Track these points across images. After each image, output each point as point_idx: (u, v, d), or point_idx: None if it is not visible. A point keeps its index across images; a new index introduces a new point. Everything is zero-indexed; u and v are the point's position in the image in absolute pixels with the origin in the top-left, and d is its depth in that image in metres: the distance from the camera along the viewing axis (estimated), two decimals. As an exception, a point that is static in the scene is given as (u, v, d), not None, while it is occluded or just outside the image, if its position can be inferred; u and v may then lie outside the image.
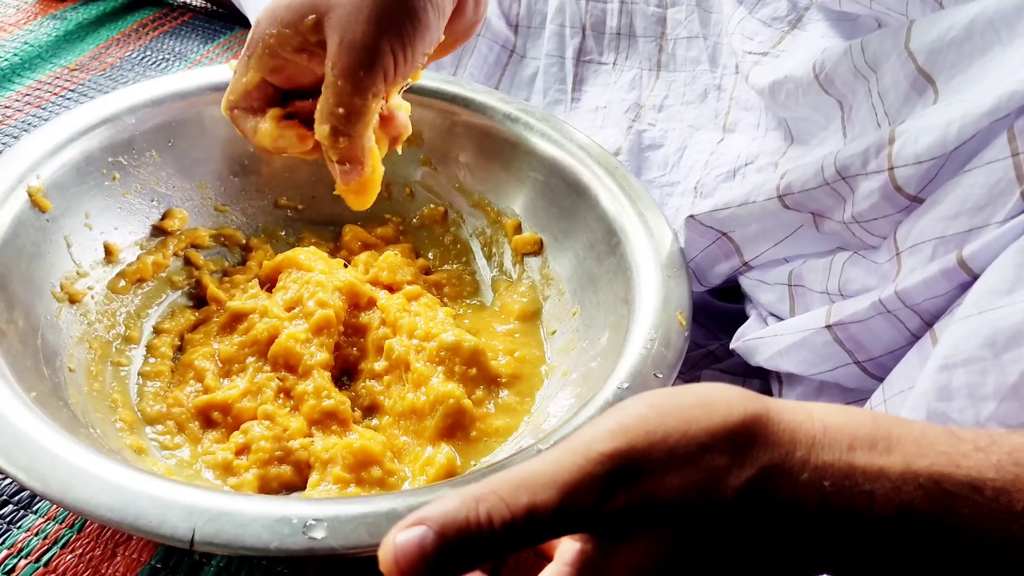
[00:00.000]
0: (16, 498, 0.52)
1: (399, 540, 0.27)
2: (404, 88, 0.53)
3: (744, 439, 0.29)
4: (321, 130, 0.48)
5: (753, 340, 0.55)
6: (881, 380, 0.48)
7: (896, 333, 0.47)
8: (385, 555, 0.27)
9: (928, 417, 0.41)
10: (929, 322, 0.46)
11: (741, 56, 0.66)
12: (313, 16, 0.46)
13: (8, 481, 0.53)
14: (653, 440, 0.29)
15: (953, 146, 0.44)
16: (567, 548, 0.31)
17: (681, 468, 0.28)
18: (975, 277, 0.42)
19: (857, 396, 0.51)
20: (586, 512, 0.28)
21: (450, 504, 0.28)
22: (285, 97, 0.53)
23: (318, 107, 0.48)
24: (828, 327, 0.50)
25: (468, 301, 0.67)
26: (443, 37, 0.49)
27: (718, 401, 0.30)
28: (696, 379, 0.61)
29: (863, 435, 0.30)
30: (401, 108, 0.54)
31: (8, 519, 0.51)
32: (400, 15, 0.45)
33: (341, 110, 0.46)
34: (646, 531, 0.29)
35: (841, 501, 0.29)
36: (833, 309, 0.50)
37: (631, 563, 0.29)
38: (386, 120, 0.53)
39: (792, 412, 0.30)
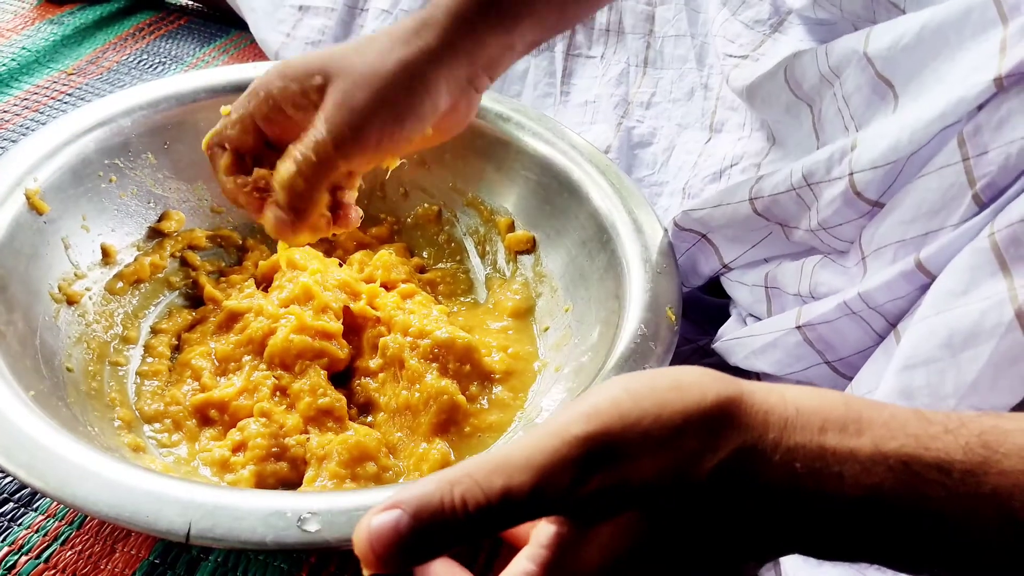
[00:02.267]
0: (16, 496, 0.53)
1: (374, 523, 0.27)
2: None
3: (717, 422, 0.29)
4: (285, 167, 0.47)
5: (731, 340, 0.56)
6: (852, 379, 0.49)
7: (862, 333, 0.48)
8: (359, 538, 0.28)
9: None
10: (893, 323, 0.47)
11: (723, 59, 0.67)
12: (320, 78, 0.47)
13: (8, 479, 0.54)
14: (627, 423, 0.29)
15: (907, 151, 0.45)
16: (543, 531, 0.31)
17: (655, 451, 0.29)
18: (932, 279, 0.44)
19: None
20: (561, 495, 0.28)
21: (425, 488, 0.28)
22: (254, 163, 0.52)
23: (290, 148, 0.48)
24: (798, 328, 0.51)
25: (462, 299, 0.68)
26: (430, 132, 0.50)
27: (692, 384, 0.30)
28: (687, 374, 0.62)
29: (835, 417, 0.30)
30: (354, 208, 0.54)
31: (9, 516, 0.52)
32: (401, 101, 0.47)
33: (314, 157, 0.46)
34: (620, 513, 0.29)
35: (812, 482, 0.29)
36: (803, 310, 0.51)
37: (606, 545, 0.30)
38: (341, 209, 0.53)
39: (765, 394, 0.31)
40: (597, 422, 0.29)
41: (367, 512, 0.28)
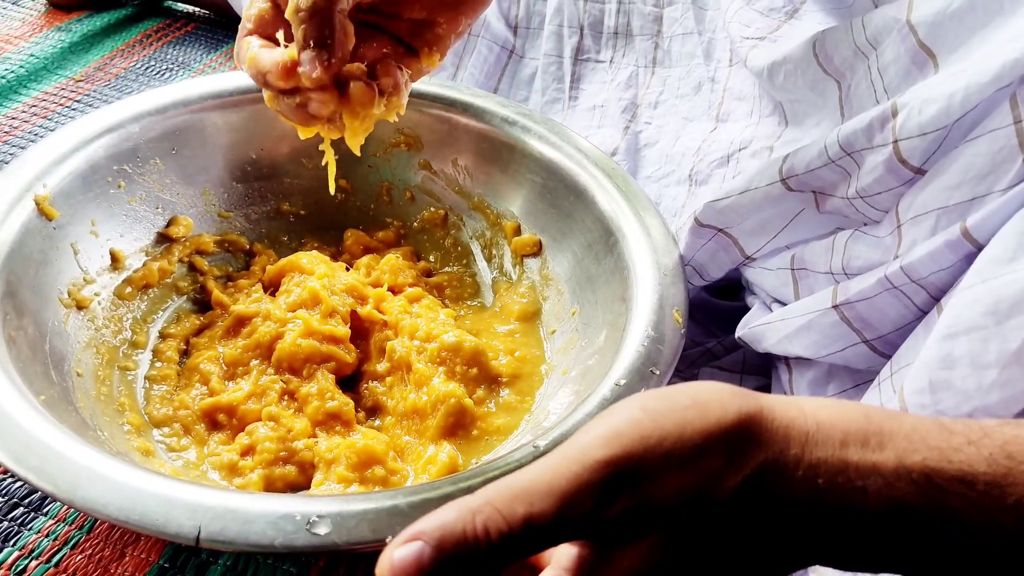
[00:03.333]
0: (27, 500, 0.53)
1: (396, 556, 0.27)
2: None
3: (739, 439, 0.29)
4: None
5: (760, 326, 0.55)
6: (890, 358, 0.48)
7: (903, 309, 0.47)
8: (382, 572, 0.27)
9: (931, 385, 0.41)
10: (936, 296, 0.46)
11: (739, 42, 0.66)
12: None
13: (19, 484, 0.54)
14: (648, 444, 0.29)
15: (957, 116, 0.44)
16: (564, 554, 0.31)
17: (678, 472, 0.29)
18: (979, 248, 0.43)
19: (868, 378, 0.51)
20: (584, 520, 0.28)
21: (446, 517, 0.28)
22: None
23: None
24: (835, 307, 0.50)
25: (469, 302, 0.68)
26: None
27: (711, 401, 0.30)
28: (694, 377, 0.62)
29: (855, 430, 0.30)
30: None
31: (19, 521, 0.52)
32: None
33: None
34: (644, 536, 0.29)
35: (835, 497, 0.29)
36: (839, 288, 0.50)
37: (630, 567, 0.29)
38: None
39: (784, 409, 0.31)
40: (618, 445, 0.28)
41: (388, 544, 0.28)
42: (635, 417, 0.29)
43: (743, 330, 0.57)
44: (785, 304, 0.56)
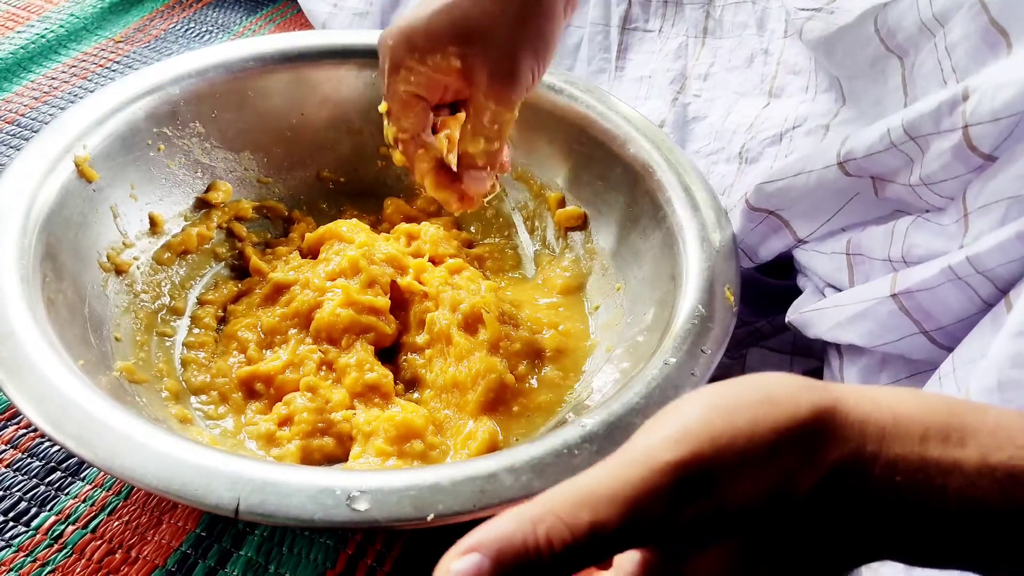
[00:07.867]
0: (64, 465, 0.53)
1: (453, 569, 0.25)
2: None
3: (814, 436, 0.28)
4: (476, 143, 0.53)
5: (811, 312, 0.53)
6: (950, 350, 0.46)
7: (967, 301, 0.45)
8: None
9: (999, 385, 0.39)
10: (1003, 289, 0.44)
11: (794, 13, 0.64)
12: (456, 58, 0.50)
13: (56, 448, 0.53)
14: (720, 444, 0.27)
15: None
16: (627, 558, 0.29)
17: (752, 472, 0.27)
18: None
19: (923, 368, 0.49)
20: (654, 526, 0.26)
21: (505, 528, 0.26)
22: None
23: (468, 127, 0.53)
24: (893, 296, 0.48)
25: (510, 274, 0.67)
26: None
27: (783, 395, 0.28)
28: (742, 358, 0.60)
29: (935, 424, 0.28)
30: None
31: (56, 485, 0.52)
32: (537, 39, 0.50)
33: (495, 126, 0.52)
34: (717, 542, 0.28)
35: (913, 495, 0.27)
36: (899, 277, 0.48)
37: (701, 572, 0.28)
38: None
39: (858, 401, 0.29)
40: (688, 445, 0.27)
41: (444, 557, 0.26)
42: (703, 415, 0.27)
43: (793, 315, 0.55)
44: (839, 289, 0.54)
